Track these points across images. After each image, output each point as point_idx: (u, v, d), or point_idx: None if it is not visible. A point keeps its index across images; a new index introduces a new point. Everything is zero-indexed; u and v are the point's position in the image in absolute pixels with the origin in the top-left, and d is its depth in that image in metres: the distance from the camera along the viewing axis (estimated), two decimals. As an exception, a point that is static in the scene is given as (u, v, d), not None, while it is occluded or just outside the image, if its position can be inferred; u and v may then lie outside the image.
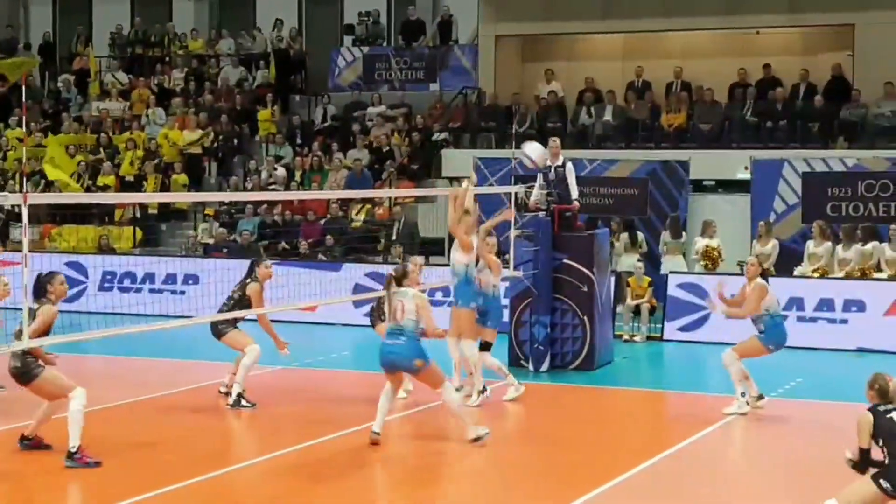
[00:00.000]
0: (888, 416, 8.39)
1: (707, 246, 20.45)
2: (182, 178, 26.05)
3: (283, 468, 11.11)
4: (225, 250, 23.17)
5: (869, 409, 8.48)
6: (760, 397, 13.63)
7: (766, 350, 13.54)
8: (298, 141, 27.30)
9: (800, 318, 18.62)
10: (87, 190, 25.48)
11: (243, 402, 13.51)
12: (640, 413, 14.63)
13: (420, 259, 14.75)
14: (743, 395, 13.39)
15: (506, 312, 17.07)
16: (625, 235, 21.27)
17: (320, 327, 20.09)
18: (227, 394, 13.85)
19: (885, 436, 8.33)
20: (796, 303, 18.73)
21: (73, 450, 10.66)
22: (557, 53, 27.91)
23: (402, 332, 11.62)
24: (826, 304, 18.68)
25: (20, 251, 9.89)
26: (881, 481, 8.29)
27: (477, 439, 11.79)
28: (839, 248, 19.97)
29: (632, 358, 17.99)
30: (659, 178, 22.64)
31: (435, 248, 24.04)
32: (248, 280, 13.83)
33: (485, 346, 14.07)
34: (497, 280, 14.24)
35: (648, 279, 19.84)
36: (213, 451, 11.87)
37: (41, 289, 10.60)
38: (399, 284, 11.78)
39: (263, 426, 13.10)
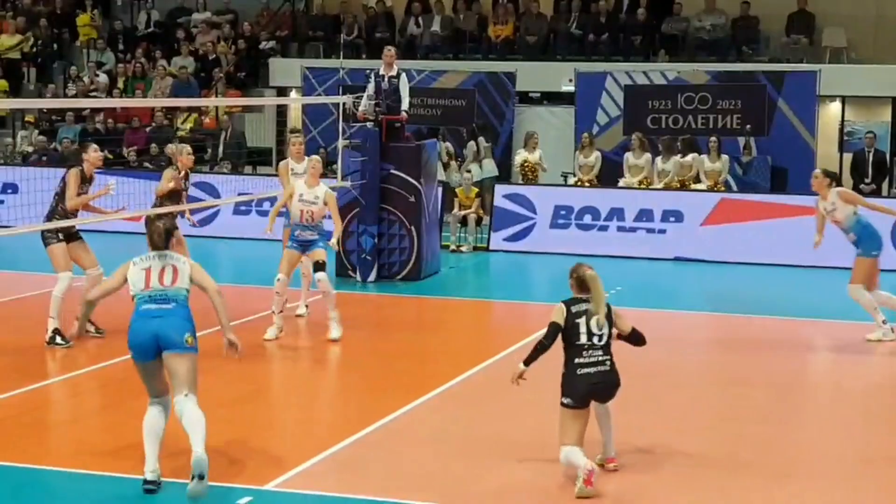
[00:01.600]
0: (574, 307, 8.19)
1: (525, 160, 20.85)
2: (1, 83, 25.26)
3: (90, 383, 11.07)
4: (44, 158, 22.64)
5: (563, 302, 8.27)
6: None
7: (875, 260, 13.12)
8: (121, 47, 26.68)
9: (620, 228, 19.17)
10: None
11: (58, 340, 12.12)
12: (466, 323, 14.93)
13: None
14: (885, 322, 13.06)
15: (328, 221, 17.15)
16: (471, 144, 21.37)
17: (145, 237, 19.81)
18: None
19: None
20: (616, 213, 19.26)
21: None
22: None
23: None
24: (645, 215, 19.23)
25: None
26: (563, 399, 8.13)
27: None
28: (658, 159, 20.56)
29: (458, 268, 18.28)
30: (486, 89, 22.88)
31: (262, 158, 23.94)
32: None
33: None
34: None
35: (476, 189, 20.11)
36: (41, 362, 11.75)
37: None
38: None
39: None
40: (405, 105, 16.86)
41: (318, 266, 12.75)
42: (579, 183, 20.85)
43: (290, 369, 12.32)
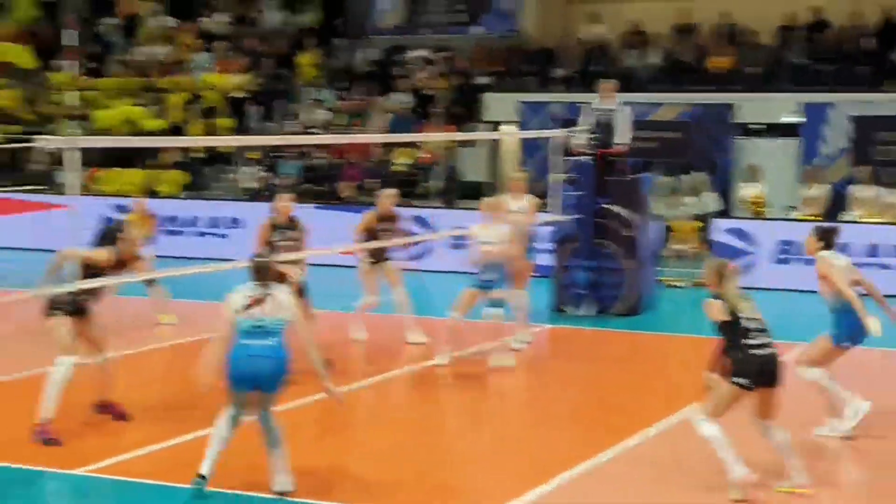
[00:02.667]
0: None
1: (754, 194, 20.28)
2: (226, 121, 26.05)
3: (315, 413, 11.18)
4: (267, 194, 23.21)
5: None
6: None
7: None
8: (340, 84, 27.21)
9: (846, 264, 18.45)
10: (133, 134, 25.52)
11: None
12: (682, 359, 14.57)
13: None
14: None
15: (548, 257, 17.07)
16: (688, 178, 21.04)
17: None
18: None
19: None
20: (842, 249, 18.52)
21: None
22: (602, -5, 27.59)
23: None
24: (874, 250, 18.50)
25: (65, 194, 9.93)
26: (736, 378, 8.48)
27: None
28: (886, 192, 19.75)
29: (675, 303, 17.90)
30: (704, 121, 22.44)
31: (475, 192, 23.99)
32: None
33: None
34: None
35: (694, 224, 19.68)
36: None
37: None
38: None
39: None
40: (623, 138, 16.63)
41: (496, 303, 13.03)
42: (805, 217, 20.15)
43: (505, 400, 12.21)
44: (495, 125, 24.79)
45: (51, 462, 9.42)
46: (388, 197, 14.63)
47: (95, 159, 25.55)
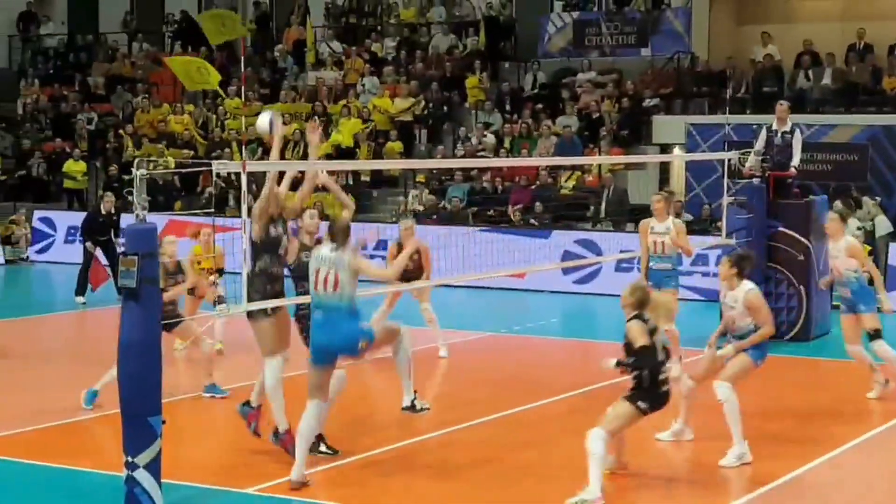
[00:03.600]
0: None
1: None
2: (394, 145, 26.32)
3: (495, 431, 11.13)
4: (434, 217, 23.36)
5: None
6: None
7: None
8: (507, 108, 27.26)
9: None
10: (301, 158, 25.95)
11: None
12: (857, 385, 14.13)
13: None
14: None
15: (716, 281, 16.75)
16: (865, 200, 20.53)
17: (529, 294, 20.06)
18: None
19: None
20: None
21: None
22: (774, 15, 27.09)
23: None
24: None
25: (239, 217, 10.10)
26: (638, 403, 8.95)
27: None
28: None
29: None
30: (881, 143, 21.83)
31: (645, 215, 23.74)
32: None
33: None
34: None
35: (868, 247, 19.12)
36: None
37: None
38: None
39: (477, 391, 13.12)
40: (796, 161, 16.27)
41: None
42: None
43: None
44: (664, 148, 24.61)
45: (226, 481, 9.59)
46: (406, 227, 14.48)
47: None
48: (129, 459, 8.32)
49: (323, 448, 10.22)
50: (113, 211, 19.75)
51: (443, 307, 18.01)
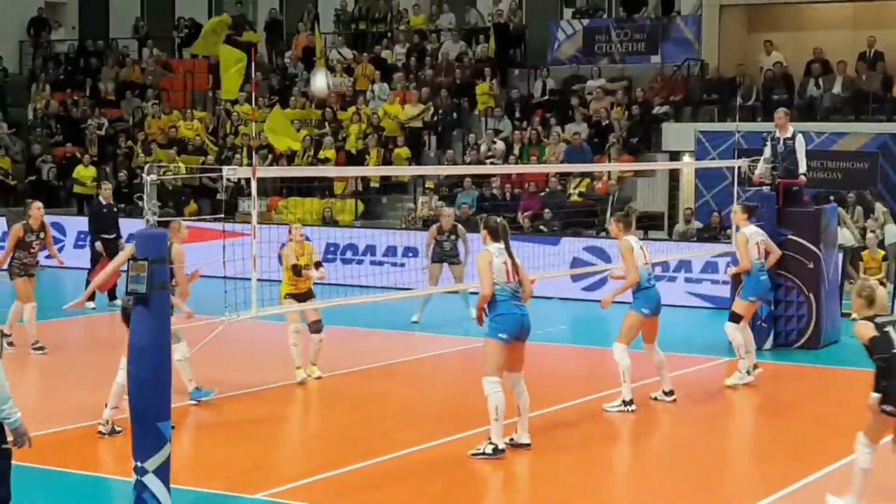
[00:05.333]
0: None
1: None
2: (403, 151, 26.34)
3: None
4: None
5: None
6: None
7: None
8: (517, 114, 27.26)
9: None
10: (311, 164, 25.98)
11: None
12: (866, 393, 14.09)
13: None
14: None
15: (728, 289, 16.77)
16: (878, 206, 20.53)
17: (538, 301, 19.99)
18: None
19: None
20: None
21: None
22: (784, 23, 27.10)
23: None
24: None
25: (248, 223, 10.11)
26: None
27: None
28: None
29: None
30: (891, 151, 21.81)
31: (653, 223, 23.78)
32: None
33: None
34: None
35: (882, 252, 19.10)
36: (437, 418, 11.96)
37: None
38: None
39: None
40: (803, 168, 16.27)
41: None
42: None
43: (686, 435, 12.00)
44: (674, 155, 24.61)
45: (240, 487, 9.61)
46: (447, 216, 18.45)
47: (276, 189, 26.12)
48: (138, 464, 8.33)
49: None
50: (113, 201, 19.96)
51: (451, 313, 18.08)
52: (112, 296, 18.84)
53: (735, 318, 13.88)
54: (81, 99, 31.50)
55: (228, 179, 10.28)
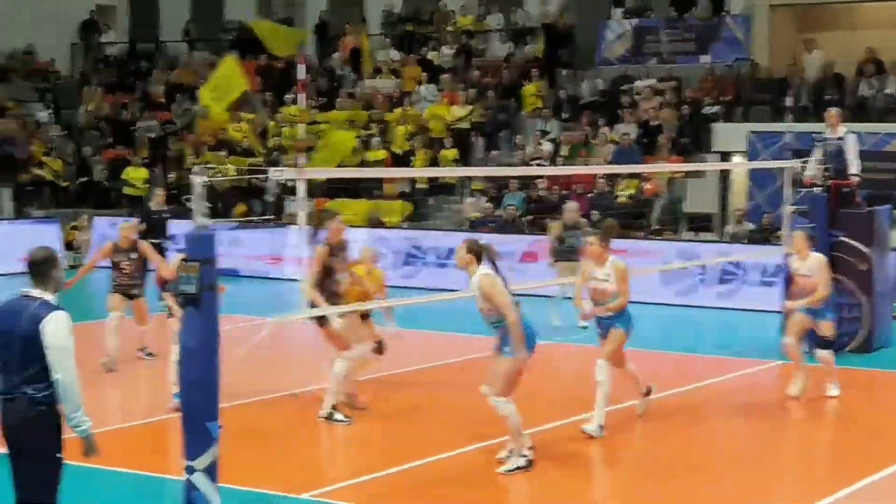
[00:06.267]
0: None
1: None
2: (450, 153, 26.31)
3: (552, 438, 11.08)
4: (491, 224, 23.32)
5: None
6: None
7: None
8: (565, 115, 27.17)
9: None
10: (359, 165, 26.03)
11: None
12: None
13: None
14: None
15: (777, 292, 16.59)
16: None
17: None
18: None
19: None
20: None
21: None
22: (835, 22, 26.84)
23: None
24: None
25: (295, 224, 10.12)
26: None
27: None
28: None
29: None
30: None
31: (702, 224, 23.63)
32: None
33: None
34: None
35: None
36: (475, 423, 11.93)
37: None
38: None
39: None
40: (854, 168, 16.08)
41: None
42: None
43: (739, 438, 11.90)
44: (724, 156, 24.43)
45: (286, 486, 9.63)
46: (570, 210, 18.12)
47: (323, 190, 26.18)
48: (188, 463, 8.36)
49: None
50: (164, 208, 19.93)
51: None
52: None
53: (827, 343, 13.40)
54: (132, 101, 31.73)
55: (275, 181, 10.30)
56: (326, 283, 11.58)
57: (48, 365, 6.90)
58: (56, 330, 6.91)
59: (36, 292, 7.07)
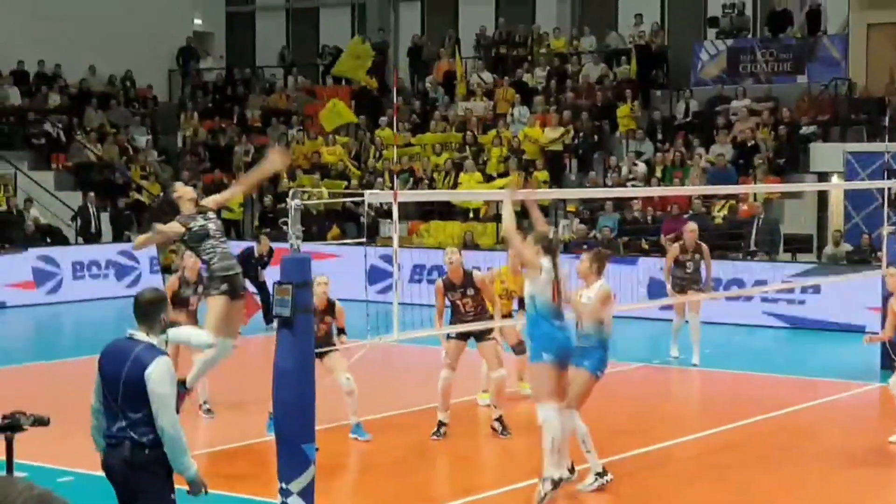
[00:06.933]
0: None
1: None
2: (543, 174, 26.27)
3: (644, 464, 10.98)
4: (585, 247, 23.20)
5: None
6: None
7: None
8: (659, 136, 27.01)
9: None
10: (453, 187, 26.09)
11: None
12: None
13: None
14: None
15: (875, 314, 16.29)
16: None
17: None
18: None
19: None
20: None
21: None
22: (934, 39, 26.39)
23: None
24: None
25: (390, 246, 10.16)
26: None
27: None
28: None
29: None
30: None
31: (801, 245, 23.30)
32: None
33: None
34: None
35: None
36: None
37: None
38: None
39: (636, 421, 12.97)
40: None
41: None
42: None
43: (833, 462, 11.71)
44: (822, 176, 24.10)
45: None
46: (691, 231, 16.59)
47: (417, 212, 26.30)
48: (283, 486, 8.42)
49: None
50: (266, 252, 19.90)
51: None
52: (268, 319, 18.50)
53: None
54: (229, 126, 32.16)
55: (370, 204, 10.36)
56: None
57: (152, 411, 6.68)
58: (161, 377, 6.69)
59: (141, 335, 6.85)
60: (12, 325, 21.84)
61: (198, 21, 35.06)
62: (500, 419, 12.12)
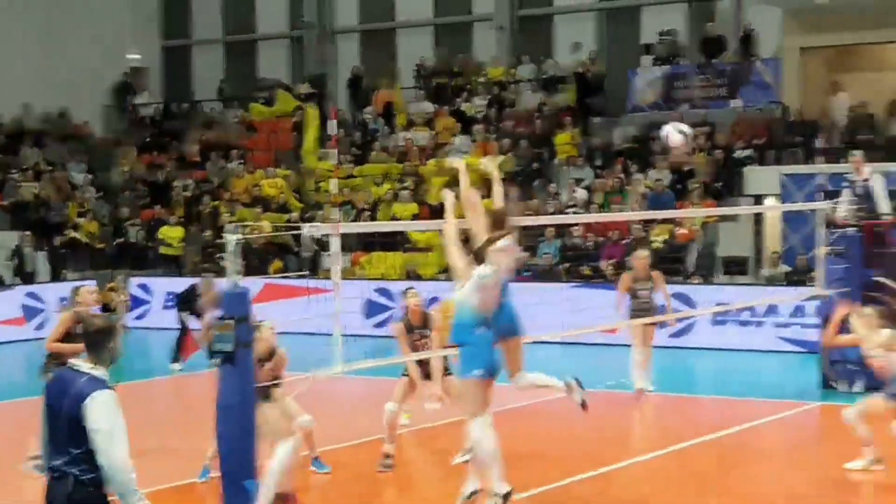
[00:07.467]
0: None
1: None
2: (485, 203, 26.31)
3: (590, 489, 11.02)
4: (527, 274, 23.32)
5: None
6: None
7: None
8: (598, 162, 27.20)
9: None
10: (392, 218, 26.09)
11: None
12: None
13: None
14: None
15: (816, 332, 16.51)
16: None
17: (620, 349, 19.89)
18: None
19: None
20: None
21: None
22: (866, 64, 26.83)
23: None
24: None
25: (330, 279, 10.16)
26: None
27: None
28: None
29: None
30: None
31: (739, 268, 23.54)
32: None
33: None
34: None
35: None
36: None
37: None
38: None
39: (568, 448, 13.01)
40: (886, 208, 16.14)
41: None
42: None
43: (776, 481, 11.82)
44: (758, 199, 24.39)
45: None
46: (641, 258, 16.41)
47: (358, 244, 26.28)
48: (228, 522, 8.39)
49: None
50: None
51: (536, 364, 17.94)
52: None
53: None
54: (167, 161, 32.01)
55: (311, 236, 10.36)
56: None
57: (94, 447, 6.39)
58: (100, 413, 6.38)
59: (86, 366, 6.54)
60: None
61: (134, 56, 34.89)
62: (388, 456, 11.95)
